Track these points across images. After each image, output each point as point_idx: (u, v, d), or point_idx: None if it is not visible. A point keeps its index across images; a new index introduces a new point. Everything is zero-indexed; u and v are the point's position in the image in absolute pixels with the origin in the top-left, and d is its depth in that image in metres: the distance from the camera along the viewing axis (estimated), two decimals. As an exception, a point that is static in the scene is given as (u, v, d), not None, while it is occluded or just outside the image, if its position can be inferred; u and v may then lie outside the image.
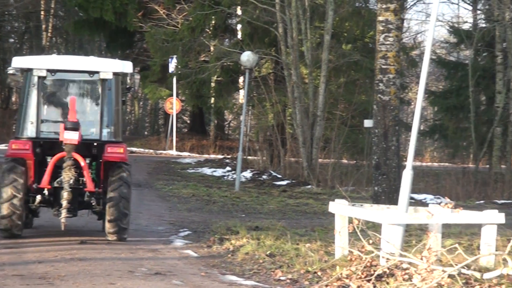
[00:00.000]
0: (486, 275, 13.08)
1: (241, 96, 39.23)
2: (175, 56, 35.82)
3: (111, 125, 20.81)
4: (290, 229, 20.93)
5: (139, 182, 26.58)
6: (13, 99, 66.15)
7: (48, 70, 20.43)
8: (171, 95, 41.88)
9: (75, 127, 18.98)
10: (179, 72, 37.22)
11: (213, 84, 40.22)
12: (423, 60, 16.40)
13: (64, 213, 18.85)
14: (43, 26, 62.65)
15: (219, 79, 40.58)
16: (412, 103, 56.57)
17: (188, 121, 57.16)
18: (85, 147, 19.85)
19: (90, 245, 18.22)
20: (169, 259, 17.13)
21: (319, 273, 14.99)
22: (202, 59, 39.37)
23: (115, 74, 20.83)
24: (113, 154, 20.13)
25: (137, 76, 24.10)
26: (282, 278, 15.12)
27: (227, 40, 41.55)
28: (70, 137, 18.93)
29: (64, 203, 18.78)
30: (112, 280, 13.86)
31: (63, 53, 63.36)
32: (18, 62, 21.53)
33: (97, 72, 20.65)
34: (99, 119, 20.57)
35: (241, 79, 38.75)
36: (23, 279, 13.49)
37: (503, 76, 46.83)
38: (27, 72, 20.69)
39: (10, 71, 21.31)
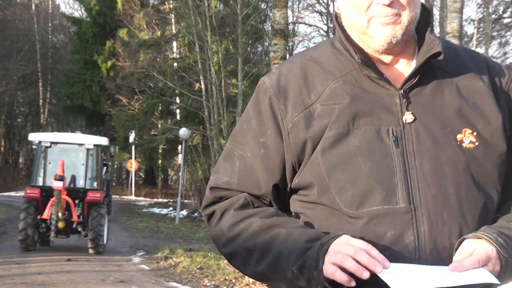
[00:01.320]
0: None
1: (180, 158, 39.95)
2: (133, 131, 36.86)
3: (93, 178, 21.63)
4: (213, 250, 19.29)
5: (109, 218, 26.81)
6: (20, 160, 65.99)
7: (51, 142, 21.92)
8: (131, 157, 42.00)
9: (61, 178, 19.37)
10: (136, 142, 37.70)
11: (160, 150, 40.17)
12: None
13: (52, 234, 19.74)
14: (41, 110, 62.54)
15: (164, 147, 40.73)
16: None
17: (143, 175, 56.51)
18: (75, 192, 20.74)
19: (74, 261, 17.89)
20: (129, 271, 16.95)
21: (233, 280, 14.97)
22: (153, 133, 39.50)
23: (95, 145, 22.07)
24: (93, 197, 20.59)
25: (117, 148, 27.29)
26: (208, 284, 15.15)
27: (169, 120, 42.02)
28: (57, 185, 19.34)
29: (52, 227, 19.54)
30: (89, 286, 13.92)
31: (55, 130, 63.55)
32: (33, 136, 23.44)
33: (83, 144, 22.00)
34: (84, 174, 21.61)
35: (179, 147, 39.49)
36: (27, 285, 13.46)
37: None
38: (38, 143, 21.99)
39: (30, 139, 23.78)
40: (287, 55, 30.32)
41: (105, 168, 23.72)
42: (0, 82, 53.63)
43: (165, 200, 43.46)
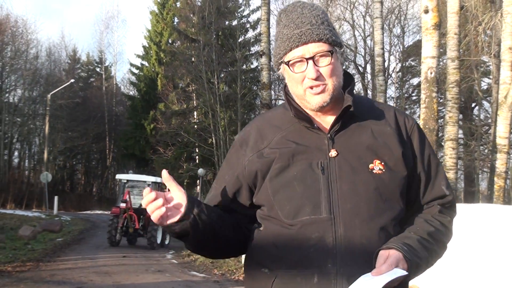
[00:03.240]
0: None
1: (198, 189, 39.92)
2: (167, 170, 36.93)
3: None
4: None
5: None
6: (94, 189, 65.86)
7: (127, 180, 23.56)
8: (165, 188, 42.44)
9: (125, 201, 20.88)
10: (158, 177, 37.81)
11: (185, 184, 39.97)
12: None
13: (119, 235, 21.50)
14: (107, 156, 62.63)
15: (188, 181, 40.72)
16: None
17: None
18: (140, 211, 21.34)
19: (127, 257, 17.58)
20: (164, 264, 16.74)
21: (234, 271, 14.89)
22: (180, 172, 39.20)
23: (153, 182, 23.21)
24: None
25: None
26: (217, 273, 14.95)
27: (191, 163, 41.94)
28: (122, 205, 21.15)
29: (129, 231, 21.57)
30: (137, 274, 13.79)
31: (117, 170, 63.37)
32: (118, 176, 25.47)
33: (146, 181, 23.50)
34: None
35: (198, 181, 39.47)
36: (97, 274, 13.36)
37: None
38: (120, 180, 24.35)
39: (116, 177, 25.92)
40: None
41: None
42: (82, 138, 53.83)
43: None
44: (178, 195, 2.05)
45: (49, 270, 13.82)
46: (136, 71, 54.97)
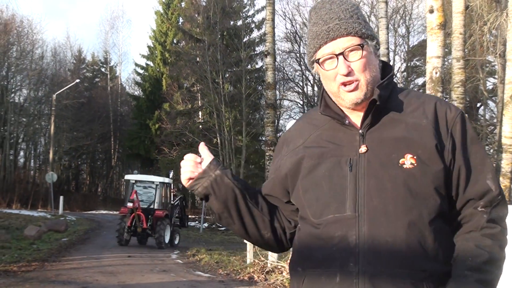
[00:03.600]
0: None
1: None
2: (172, 170, 37.04)
3: (159, 202, 22.97)
4: (226, 249, 20.60)
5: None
6: (99, 189, 66.04)
7: (136, 180, 23.68)
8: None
9: (132, 201, 21.37)
10: (174, 178, 37.60)
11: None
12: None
13: (128, 234, 21.60)
14: (112, 156, 62.71)
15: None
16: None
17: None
18: (148, 210, 22.15)
19: (132, 257, 17.61)
20: (169, 264, 16.70)
21: (239, 270, 14.82)
22: (185, 172, 39.79)
23: (160, 182, 23.53)
24: (157, 214, 22.08)
25: (181, 186, 29.33)
26: (221, 273, 14.92)
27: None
28: (129, 204, 21.58)
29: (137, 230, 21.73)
30: (142, 273, 13.81)
31: (122, 170, 63.89)
32: (127, 176, 25.17)
33: (153, 181, 23.71)
34: (153, 200, 22.98)
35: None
36: (102, 273, 13.39)
37: None
38: (128, 180, 24.26)
39: (125, 178, 26.13)
40: (276, 120, 30.46)
41: (179, 198, 25.91)
42: (87, 138, 53.99)
43: (193, 216, 42.86)
44: (206, 160, 2.17)
45: (55, 270, 13.82)
46: (141, 71, 55.08)
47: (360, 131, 2.05)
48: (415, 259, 1.91)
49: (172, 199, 25.09)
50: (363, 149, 2.02)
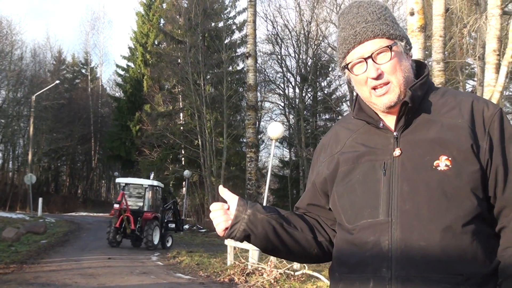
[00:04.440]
0: (297, 273, 12.98)
1: (184, 190, 39.70)
2: (153, 172, 36.82)
3: (147, 205, 23.33)
4: (207, 251, 20.49)
5: None
6: (79, 191, 65.52)
7: (125, 183, 24.01)
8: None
9: (118, 203, 21.76)
10: (154, 180, 37.76)
11: (171, 185, 39.99)
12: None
13: (119, 236, 22.16)
14: (93, 158, 62.60)
15: (173, 183, 40.47)
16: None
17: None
18: (137, 212, 22.52)
19: (112, 259, 17.45)
20: (149, 266, 16.62)
21: (219, 272, 14.90)
22: (166, 174, 39.01)
23: (149, 185, 23.94)
24: (146, 216, 22.56)
25: (172, 189, 30.21)
26: (202, 275, 14.95)
27: (177, 165, 41.66)
28: (116, 206, 22.00)
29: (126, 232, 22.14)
30: (122, 276, 13.76)
31: (102, 172, 63.79)
32: (117, 179, 25.93)
33: (142, 184, 24.07)
34: (142, 202, 23.31)
35: (183, 183, 39.31)
36: (82, 276, 13.38)
37: None
38: (119, 183, 24.65)
39: (116, 181, 26.41)
40: (257, 122, 30.47)
41: (171, 201, 26.12)
42: (67, 139, 53.65)
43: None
44: (232, 203, 2.12)
45: (33, 272, 13.72)
46: (122, 73, 54.81)
47: (395, 133, 2.02)
48: (450, 263, 1.87)
49: (164, 203, 25.37)
50: (397, 152, 1.99)
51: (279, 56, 43.01)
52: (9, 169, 57.60)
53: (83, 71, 67.47)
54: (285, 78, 44.12)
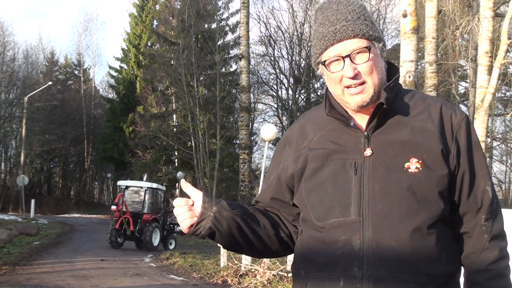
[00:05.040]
0: (290, 274, 12.27)
1: (177, 192, 39.63)
2: (146, 173, 36.96)
3: (147, 206, 23.91)
4: (200, 253, 20.48)
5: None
6: (71, 193, 65.38)
7: (126, 186, 24.74)
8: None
9: (116, 204, 22.18)
10: (148, 181, 37.73)
11: (164, 187, 40.41)
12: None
13: (121, 238, 22.73)
14: (86, 159, 62.43)
15: (166, 184, 40.38)
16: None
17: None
18: (137, 214, 23.16)
19: (105, 261, 17.41)
20: (142, 268, 16.58)
21: (213, 274, 14.88)
22: (159, 175, 39.10)
23: (148, 187, 24.62)
24: (145, 217, 23.15)
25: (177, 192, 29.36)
26: (195, 276, 14.93)
27: (170, 166, 41.74)
28: (113, 207, 22.35)
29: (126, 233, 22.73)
30: (115, 277, 13.74)
31: (95, 173, 63.65)
32: (119, 182, 26.02)
33: (142, 187, 24.81)
34: (142, 204, 23.88)
35: (177, 184, 39.30)
36: (74, 277, 13.33)
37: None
38: (119, 185, 25.08)
39: (118, 183, 26.26)
40: (250, 124, 30.53)
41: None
42: (59, 141, 53.50)
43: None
44: (197, 199, 2.10)
45: (26, 274, 13.67)
46: (115, 74, 54.71)
47: (365, 133, 2.03)
48: (419, 264, 1.90)
49: (167, 205, 25.93)
50: (368, 152, 1.99)
51: (272, 58, 43.19)
52: (2, 170, 57.44)
53: (76, 72, 67.33)
54: (278, 79, 44.28)
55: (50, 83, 51.28)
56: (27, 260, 16.64)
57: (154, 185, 25.21)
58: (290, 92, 42.56)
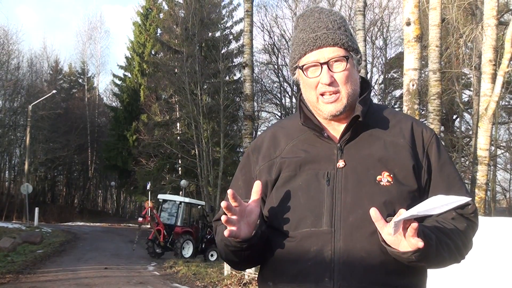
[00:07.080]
0: None
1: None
2: (150, 182, 36.84)
3: (179, 219, 25.21)
4: (203, 262, 20.78)
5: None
6: (75, 201, 65.36)
7: (163, 199, 26.76)
8: (147, 199, 42.27)
9: (143, 216, 23.73)
10: (152, 189, 37.53)
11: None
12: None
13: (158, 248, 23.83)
14: (89, 168, 62.51)
15: (170, 192, 40.61)
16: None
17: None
18: (170, 226, 24.45)
19: (109, 269, 17.40)
20: (146, 276, 16.65)
21: (216, 282, 14.98)
22: (162, 183, 39.33)
23: (181, 202, 25.92)
24: (177, 230, 24.16)
25: (205, 206, 30.00)
26: (199, 285, 15.04)
27: (174, 174, 41.81)
28: (140, 219, 23.80)
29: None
30: (118, 286, 13.78)
31: (99, 181, 63.52)
32: (159, 196, 28.14)
33: (175, 201, 26.32)
34: (175, 217, 25.22)
35: (180, 192, 39.32)
36: (78, 285, 13.40)
37: None
38: (159, 199, 27.24)
39: (158, 197, 28.10)
40: (254, 132, 30.54)
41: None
42: (63, 149, 53.58)
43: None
44: (255, 212, 1.97)
45: (29, 282, 13.69)
46: (119, 82, 54.85)
47: (338, 144, 2.04)
48: (388, 275, 1.92)
49: (205, 218, 26.65)
50: (341, 163, 2.01)
51: (275, 66, 43.20)
52: (6, 178, 57.56)
53: (80, 80, 67.43)
54: (281, 88, 44.35)
55: (54, 91, 51.39)
56: (30, 268, 16.68)
57: (187, 200, 26.51)
58: (294, 100, 42.57)
